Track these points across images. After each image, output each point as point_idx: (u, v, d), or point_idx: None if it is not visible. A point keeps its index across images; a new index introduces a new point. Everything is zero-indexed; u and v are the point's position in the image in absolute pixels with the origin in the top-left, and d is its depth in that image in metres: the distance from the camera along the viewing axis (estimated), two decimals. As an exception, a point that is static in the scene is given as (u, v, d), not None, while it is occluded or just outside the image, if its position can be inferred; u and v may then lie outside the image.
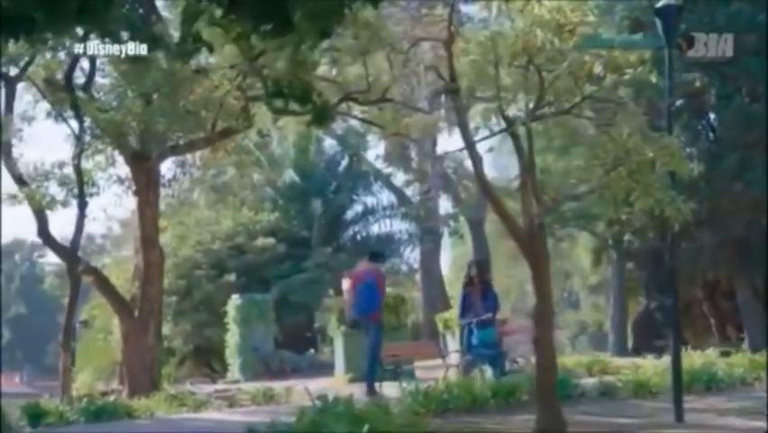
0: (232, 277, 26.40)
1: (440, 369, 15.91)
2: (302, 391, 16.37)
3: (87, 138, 15.06)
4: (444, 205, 34.98)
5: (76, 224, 15.93)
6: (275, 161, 27.04)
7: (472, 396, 11.45)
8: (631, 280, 35.74)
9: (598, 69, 8.32)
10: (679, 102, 20.41)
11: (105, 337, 29.30)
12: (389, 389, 14.07)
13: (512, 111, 9.06)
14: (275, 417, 12.63)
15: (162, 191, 17.49)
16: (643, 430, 10.07)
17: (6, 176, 15.93)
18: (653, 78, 8.65)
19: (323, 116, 10.35)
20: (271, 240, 27.49)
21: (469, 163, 34.13)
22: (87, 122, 15.50)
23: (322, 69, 16.03)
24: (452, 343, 18.85)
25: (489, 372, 13.78)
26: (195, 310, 26.25)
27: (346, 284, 16.38)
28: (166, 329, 23.17)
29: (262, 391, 15.13)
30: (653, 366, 15.33)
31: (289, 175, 30.51)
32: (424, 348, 17.50)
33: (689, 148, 27.19)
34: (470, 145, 8.33)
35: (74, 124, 15.84)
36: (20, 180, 15.85)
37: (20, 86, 16.40)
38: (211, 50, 8.87)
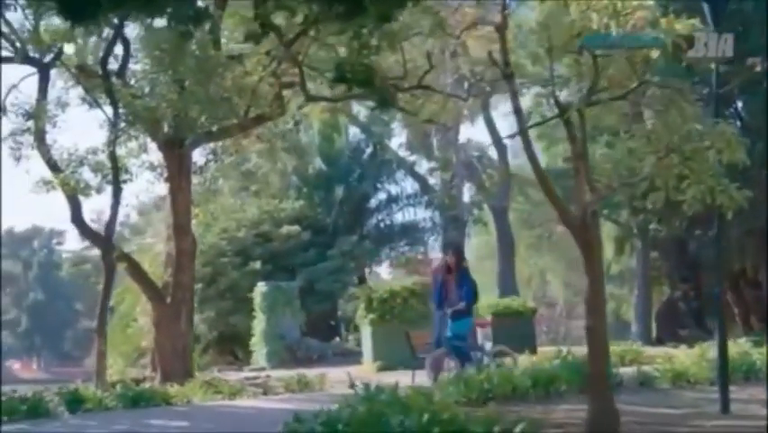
0: (257, 264, 26.37)
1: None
2: (335, 378, 16.43)
3: (122, 124, 14.96)
4: (468, 193, 34.92)
5: (111, 210, 15.93)
6: (301, 148, 26.89)
7: (512, 385, 11.38)
8: (654, 270, 35.59)
9: (655, 54, 8.17)
10: (705, 90, 20.23)
11: (129, 324, 29.37)
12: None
13: (564, 96, 8.92)
14: (312, 405, 12.64)
15: (194, 179, 17.38)
16: (690, 421, 9.94)
17: (40, 162, 15.91)
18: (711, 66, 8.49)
19: (386, 101, 10.16)
20: (296, 228, 27.45)
21: (493, 151, 34.07)
22: (120, 108, 15.41)
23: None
24: (481, 333, 18.76)
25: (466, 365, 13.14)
26: (220, 298, 26.25)
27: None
28: (193, 316, 23.25)
29: (296, 379, 15.12)
30: (686, 356, 15.24)
31: (315, 163, 30.45)
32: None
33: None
34: (524, 131, 8.18)
35: (108, 110, 15.75)
36: (54, 167, 15.81)
37: (53, 71, 16.33)
38: (281, 36, 8.71)
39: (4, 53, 15.79)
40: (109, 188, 16.02)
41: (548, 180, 8.70)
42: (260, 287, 24.68)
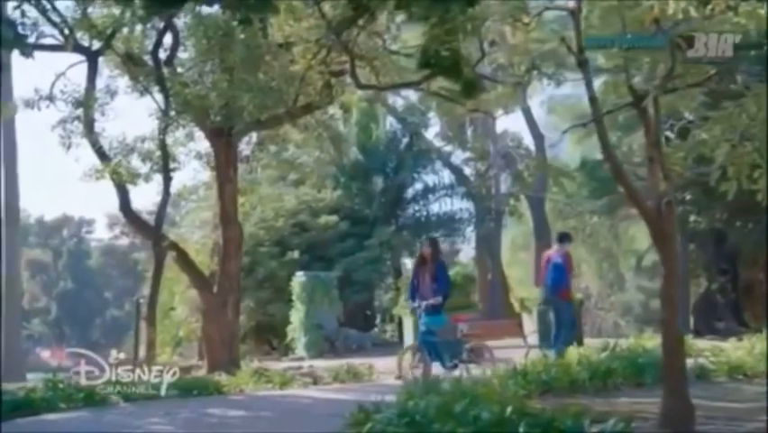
0: (295, 254, 26.29)
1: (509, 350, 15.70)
2: (382, 368, 16.35)
3: (172, 113, 14.90)
4: (505, 184, 34.67)
5: (161, 198, 15.88)
6: (339, 138, 26.76)
7: (570, 378, 11.25)
8: (690, 262, 35.22)
9: (736, 40, 7.98)
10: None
11: (168, 314, 29.40)
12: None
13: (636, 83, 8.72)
14: (365, 395, 12.56)
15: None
16: (756, 416, 9.75)
17: (88, 150, 15.89)
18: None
19: (472, 87, 9.94)
20: (334, 218, 27.33)
21: (530, 142, 33.82)
22: (170, 96, 15.35)
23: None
24: (530, 323, 18.60)
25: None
26: (258, 287, 26.18)
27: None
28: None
29: (345, 369, 15.05)
30: (734, 348, 15.01)
31: (353, 153, 30.32)
32: (508, 327, 17.25)
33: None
34: (599, 120, 7.99)
35: (157, 99, 15.70)
36: (102, 155, 15.80)
37: (100, 60, 16.30)
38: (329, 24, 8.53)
39: (53, 41, 15.74)
40: (155, 178, 16.01)
41: (622, 170, 8.52)
42: (299, 277, 24.61)
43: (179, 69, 15.87)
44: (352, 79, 14.69)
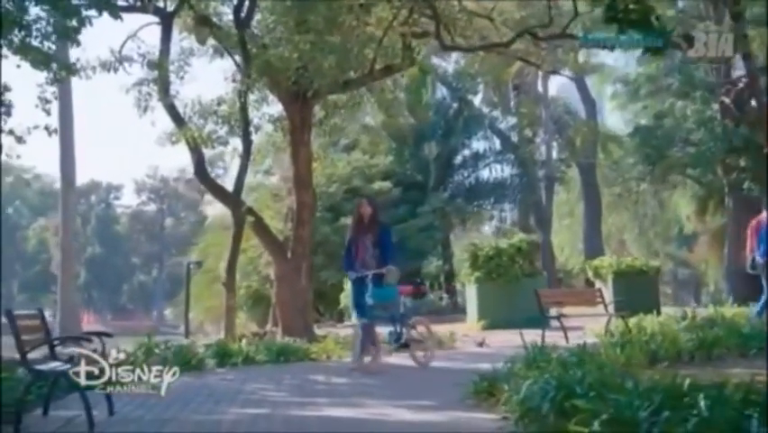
0: (348, 220, 26.06)
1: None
2: (461, 335, 16.20)
3: (253, 75, 14.60)
4: (555, 150, 34.33)
5: (240, 164, 15.66)
6: (390, 103, 26.37)
7: (677, 348, 11.02)
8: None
9: None
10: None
11: (218, 278, 29.37)
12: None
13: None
14: (454, 363, 12.41)
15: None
16: None
17: (162, 114, 15.69)
18: None
19: (666, 42, 9.35)
20: (387, 183, 27.12)
21: (581, 108, 33.35)
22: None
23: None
24: (606, 292, 18.31)
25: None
26: (312, 253, 26.03)
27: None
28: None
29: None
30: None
31: (404, 118, 29.96)
32: (588, 295, 16.96)
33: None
34: (755, 76, 7.68)
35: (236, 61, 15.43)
36: (177, 118, 15.59)
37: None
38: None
39: (126, 2, 15.49)
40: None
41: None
42: (351, 244, 24.40)
43: (256, 32, 15.56)
44: (437, 41, 14.36)
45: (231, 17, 15.94)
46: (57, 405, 7.88)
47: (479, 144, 31.69)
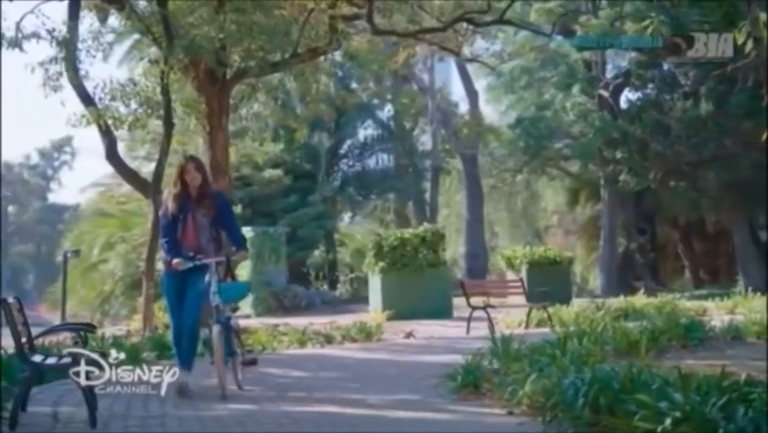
0: (237, 209, 25.37)
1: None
2: (393, 327, 15.95)
3: (179, 56, 13.77)
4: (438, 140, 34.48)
5: (161, 147, 14.82)
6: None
7: (628, 340, 11.12)
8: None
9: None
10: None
11: (95, 267, 28.11)
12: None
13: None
14: (390, 354, 12.16)
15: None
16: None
17: (72, 95, 14.68)
18: None
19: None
20: (278, 172, 26.54)
21: (458, 98, 33.58)
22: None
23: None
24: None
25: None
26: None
27: None
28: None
29: (357, 328, 14.54)
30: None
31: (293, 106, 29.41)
32: (512, 285, 17.06)
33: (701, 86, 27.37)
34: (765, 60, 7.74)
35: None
36: (87, 99, 14.63)
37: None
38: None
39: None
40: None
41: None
42: (246, 232, 23.72)
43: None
44: (368, 24, 14.03)
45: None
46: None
47: (367, 133, 31.51)
